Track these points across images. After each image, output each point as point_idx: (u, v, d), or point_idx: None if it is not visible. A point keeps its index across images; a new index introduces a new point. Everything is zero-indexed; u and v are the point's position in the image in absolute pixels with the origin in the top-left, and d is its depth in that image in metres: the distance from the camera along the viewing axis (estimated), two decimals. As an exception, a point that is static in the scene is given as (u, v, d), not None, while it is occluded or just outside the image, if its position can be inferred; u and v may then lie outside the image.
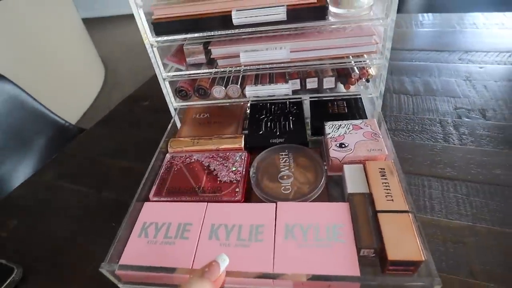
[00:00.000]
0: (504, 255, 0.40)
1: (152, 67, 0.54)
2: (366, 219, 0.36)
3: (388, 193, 0.37)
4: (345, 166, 0.42)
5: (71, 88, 1.98)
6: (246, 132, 0.53)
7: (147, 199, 0.45)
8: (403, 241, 0.33)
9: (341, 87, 0.54)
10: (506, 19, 0.99)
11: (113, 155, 0.66)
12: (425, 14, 1.12)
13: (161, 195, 0.44)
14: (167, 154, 0.51)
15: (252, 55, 0.46)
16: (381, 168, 0.40)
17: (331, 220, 0.37)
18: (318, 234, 0.36)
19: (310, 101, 0.55)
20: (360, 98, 0.55)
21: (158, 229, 0.40)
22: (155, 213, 0.42)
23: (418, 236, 0.33)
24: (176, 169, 0.48)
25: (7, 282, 0.43)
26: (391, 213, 0.35)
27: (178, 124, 0.60)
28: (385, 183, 0.38)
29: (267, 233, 0.37)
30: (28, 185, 0.62)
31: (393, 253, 0.32)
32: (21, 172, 0.84)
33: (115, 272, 0.35)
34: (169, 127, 0.56)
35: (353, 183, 0.40)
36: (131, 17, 0.48)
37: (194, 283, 0.28)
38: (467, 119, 0.62)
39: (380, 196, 0.37)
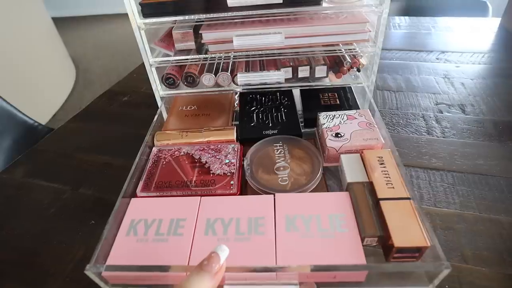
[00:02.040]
0: (493, 240, 0.41)
1: (127, 66, 0.51)
2: (367, 208, 0.35)
3: (388, 181, 0.37)
4: (342, 155, 0.41)
5: (39, 88, 1.88)
6: (237, 124, 0.51)
7: (134, 195, 0.41)
8: (408, 227, 0.32)
9: (327, 78, 0.53)
10: (477, 24, 1.07)
11: (90, 150, 0.62)
12: (401, 17, 1.16)
13: (150, 190, 0.41)
14: (153, 148, 0.48)
15: (246, 39, 0.44)
16: (379, 157, 0.40)
17: (332, 210, 0.36)
18: (320, 225, 0.35)
19: (301, 92, 0.54)
20: (351, 88, 0.54)
21: (148, 226, 0.37)
22: (143, 209, 0.39)
23: (421, 222, 0.33)
24: (164, 162, 0.45)
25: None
26: (393, 201, 0.35)
27: (165, 115, 0.57)
28: (384, 171, 0.38)
29: (267, 225, 0.35)
30: (-5, 184, 0.57)
31: (399, 240, 0.31)
32: (-16, 175, 0.77)
33: (101, 274, 0.32)
34: (155, 117, 0.53)
35: (352, 172, 0.39)
36: (103, 17, 0.46)
37: (193, 278, 0.26)
38: (448, 114, 0.65)
39: (381, 184, 0.36)
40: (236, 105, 0.58)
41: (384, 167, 0.38)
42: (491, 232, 0.42)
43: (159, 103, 0.57)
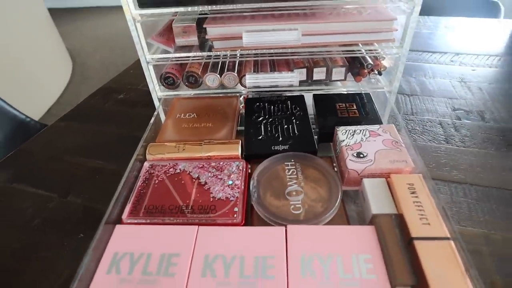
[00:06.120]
0: None
1: (126, 61, 0.47)
2: (397, 248, 0.30)
3: (422, 215, 0.31)
4: (365, 180, 0.35)
5: (34, 81, 1.82)
6: (241, 129, 0.46)
7: (119, 221, 0.35)
8: (449, 277, 0.27)
9: (343, 82, 0.48)
10: (489, 25, 1.02)
11: (81, 153, 0.57)
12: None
13: (138, 215, 0.35)
14: (145, 163, 0.41)
15: (257, 36, 0.38)
16: (409, 184, 0.34)
17: (356, 249, 0.30)
18: (342, 269, 0.29)
19: (315, 102, 0.48)
20: (370, 97, 0.48)
21: (134, 262, 0.31)
22: (130, 239, 0.33)
23: (466, 269, 0.27)
24: (157, 181, 0.39)
25: None
26: (429, 241, 0.29)
27: (162, 117, 0.51)
28: (417, 202, 0.32)
29: (278, 267, 0.29)
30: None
31: (440, 295, 0.25)
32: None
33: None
34: (151, 120, 0.47)
35: (378, 201, 0.33)
36: (102, 9, 0.39)
37: None
38: (466, 121, 0.61)
39: (413, 219, 0.31)
40: (241, 107, 0.52)
41: (415, 196, 0.33)
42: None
43: (157, 104, 0.51)
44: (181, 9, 0.41)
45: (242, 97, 0.52)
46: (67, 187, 0.50)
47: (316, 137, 0.44)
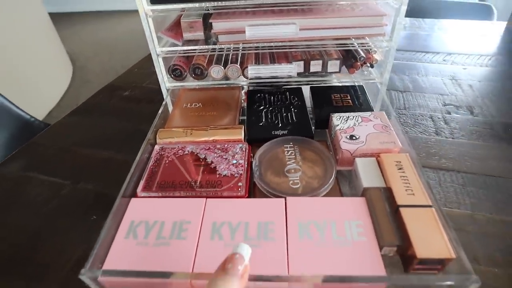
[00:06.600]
0: (505, 242, 0.40)
1: (124, 66, 0.50)
2: (385, 215, 0.33)
3: (407, 187, 0.34)
4: (357, 159, 0.39)
5: (34, 85, 1.84)
6: (244, 119, 0.50)
7: (134, 195, 0.39)
8: (430, 237, 0.30)
9: (338, 75, 0.52)
10: (482, 27, 1.07)
11: (90, 145, 0.59)
12: (405, 18, 1.15)
13: (151, 190, 0.39)
14: (155, 146, 0.45)
15: (259, 30, 0.42)
16: (397, 161, 0.37)
17: (348, 216, 0.34)
18: (336, 232, 0.32)
19: (312, 92, 0.52)
20: (363, 88, 0.52)
21: (149, 229, 0.34)
22: (144, 210, 0.36)
23: (446, 231, 0.30)
24: (167, 161, 0.42)
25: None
26: (413, 208, 0.32)
27: (170, 108, 0.54)
28: (403, 176, 0.36)
29: (278, 231, 0.33)
30: (-11, 178, 0.54)
31: (421, 251, 0.29)
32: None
33: (98, 279, 0.30)
34: (160, 109, 0.50)
35: (368, 176, 0.37)
36: (102, 14, 0.43)
37: (220, 284, 0.23)
38: (456, 115, 0.64)
39: (400, 190, 0.34)
40: (242, 101, 0.55)
41: (402, 172, 0.36)
42: (503, 234, 0.41)
43: (165, 95, 0.55)
44: (188, 5, 0.44)
45: (244, 91, 0.56)
46: (78, 175, 0.52)
47: (313, 128, 0.48)
